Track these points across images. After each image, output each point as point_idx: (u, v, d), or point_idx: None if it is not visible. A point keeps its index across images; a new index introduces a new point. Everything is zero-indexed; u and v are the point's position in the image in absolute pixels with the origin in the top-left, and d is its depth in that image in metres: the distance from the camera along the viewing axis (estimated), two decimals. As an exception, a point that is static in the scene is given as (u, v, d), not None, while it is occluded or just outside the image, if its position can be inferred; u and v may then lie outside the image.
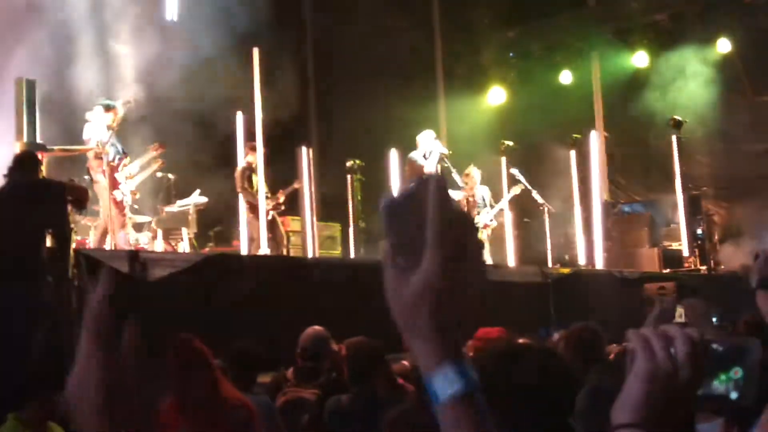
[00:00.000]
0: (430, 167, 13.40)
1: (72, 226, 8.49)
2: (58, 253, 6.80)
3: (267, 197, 12.88)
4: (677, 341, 1.42)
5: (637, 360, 1.42)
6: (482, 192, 14.56)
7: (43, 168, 9.58)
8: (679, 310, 4.12)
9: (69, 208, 8.12)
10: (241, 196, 12.89)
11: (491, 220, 14.40)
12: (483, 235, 14.28)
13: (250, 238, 12.69)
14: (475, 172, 14.60)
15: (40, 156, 9.42)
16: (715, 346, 1.45)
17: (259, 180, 12.30)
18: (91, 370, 1.33)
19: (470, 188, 14.42)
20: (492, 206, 14.50)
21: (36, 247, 6.74)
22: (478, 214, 14.23)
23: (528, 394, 2.34)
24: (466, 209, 13.99)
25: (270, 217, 12.93)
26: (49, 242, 6.89)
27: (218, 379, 4.72)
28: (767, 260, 3.68)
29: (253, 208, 12.72)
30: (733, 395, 1.42)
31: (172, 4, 14.69)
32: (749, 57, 18.18)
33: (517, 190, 14.72)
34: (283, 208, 13.34)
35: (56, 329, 6.49)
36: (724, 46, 18.23)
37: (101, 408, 1.32)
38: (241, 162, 12.98)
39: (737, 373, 1.42)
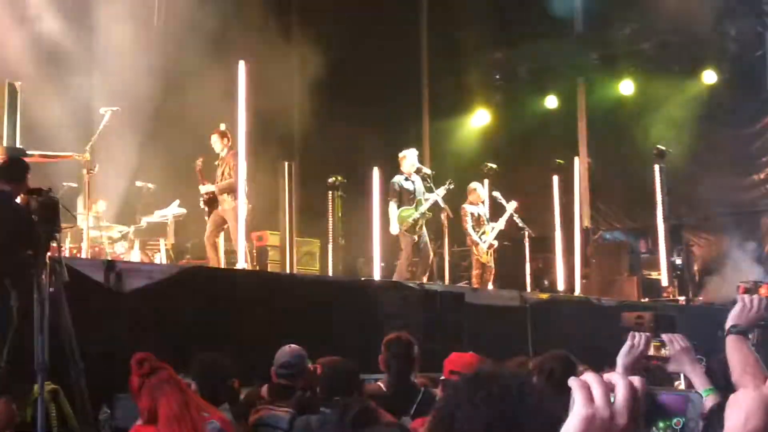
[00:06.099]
0: (419, 189, 13.29)
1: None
2: (34, 260, 6.70)
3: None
4: (617, 388, 1.48)
5: (575, 404, 1.47)
6: (474, 209, 14.36)
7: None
8: (656, 344, 4.10)
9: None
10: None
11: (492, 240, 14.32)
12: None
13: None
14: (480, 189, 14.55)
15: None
16: (659, 395, 1.52)
17: (239, 193, 12.15)
18: None
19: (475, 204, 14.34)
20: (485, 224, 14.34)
21: (25, 255, 6.68)
22: (484, 233, 14.18)
23: (495, 418, 2.29)
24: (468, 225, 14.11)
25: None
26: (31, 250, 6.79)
27: (185, 393, 4.67)
28: (743, 309, 3.66)
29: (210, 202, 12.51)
30: None
31: (159, 11, 14.62)
32: (734, 88, 18.26)
33: (511, 207, 14.56)
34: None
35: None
36: (709, 77, 18.31)
37: None
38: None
39: (678, 423, 1.49)
